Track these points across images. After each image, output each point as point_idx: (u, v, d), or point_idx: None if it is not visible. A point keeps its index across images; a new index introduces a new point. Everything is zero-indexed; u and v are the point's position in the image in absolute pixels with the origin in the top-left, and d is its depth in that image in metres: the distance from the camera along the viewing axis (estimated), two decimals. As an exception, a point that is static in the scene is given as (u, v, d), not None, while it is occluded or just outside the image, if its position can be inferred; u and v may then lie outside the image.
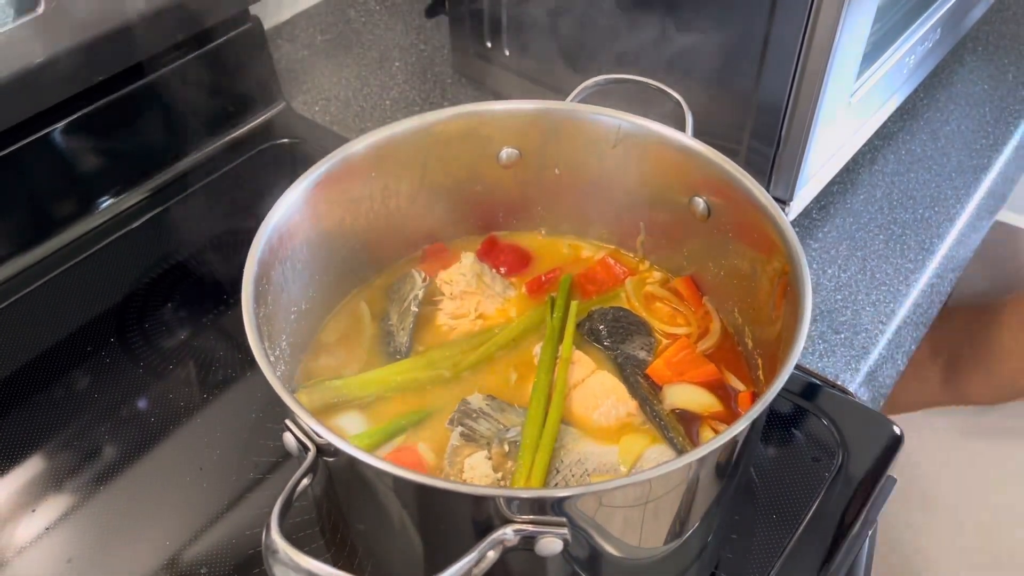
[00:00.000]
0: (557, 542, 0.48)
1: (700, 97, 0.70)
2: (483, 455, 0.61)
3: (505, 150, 0.71)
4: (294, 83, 1.10)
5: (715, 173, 0.65)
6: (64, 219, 0.90)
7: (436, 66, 1.13)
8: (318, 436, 0.49)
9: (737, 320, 0.69)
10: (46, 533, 0.68)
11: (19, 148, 0.84)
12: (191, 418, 0.75)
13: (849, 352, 0.82)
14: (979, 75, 1.11)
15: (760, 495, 0.70)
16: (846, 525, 0.69)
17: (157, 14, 0.86)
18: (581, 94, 0.71)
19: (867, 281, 0.88)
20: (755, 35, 0.76)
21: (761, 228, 0.62)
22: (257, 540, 0.66)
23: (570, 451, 0.61)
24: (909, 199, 0.96)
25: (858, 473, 0.72)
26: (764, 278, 0.64)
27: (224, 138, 1.01)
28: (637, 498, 0.51)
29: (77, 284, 0.86)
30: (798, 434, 0.75)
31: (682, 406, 0.65)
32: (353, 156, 0.66)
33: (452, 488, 0.48)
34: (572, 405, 0.65)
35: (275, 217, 0.60)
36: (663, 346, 0.70)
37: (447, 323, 0.70)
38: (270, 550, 0.45)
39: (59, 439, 0.74)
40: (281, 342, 0.63)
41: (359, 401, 0.65)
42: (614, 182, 0.72)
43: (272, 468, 0.71)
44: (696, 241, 0.71)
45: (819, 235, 0.92)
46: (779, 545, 0.67)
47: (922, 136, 1.03)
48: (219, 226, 0.92)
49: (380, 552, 0.60)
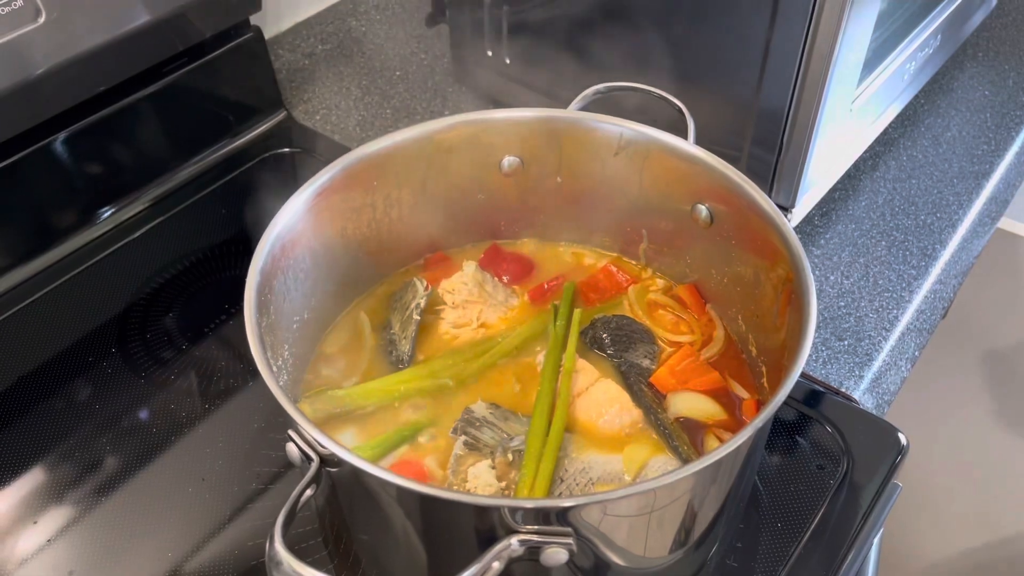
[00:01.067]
0: (563, 552, 0.47)
1: (701, 105, 0.70)
2: (487, 464, 0.61)
3: (507, 158, 0.71)
4: (295, 93, 1.10)
5: (718, 180, 0.65)
6: (65, 229, 0.90)
7: (436, 75, 1.13)
8: (321, 447, 0.49)
9: (741, 327, 0.69)
10: (48, 545, 0.67)
11: (20, 159, 0.84)
12: (193, 428, 0.75)
13: (853, 359, 0.81)
14: (979, 81, 1.11)
15: (765, 503, 0.70)
16: (852, 533, 0.68)
17: (158, 24, 0.87)
18: (582, 101, 0.71)
19: (870, 288, 0.87)
20: (756, 42, 0.76)
21: (764, 235, 0.61)
22: (259, 551, 0.66)
23: (574, 460, 0.61)
24: (911, 205, 0.96)
25: (863, 480, 0.71)
26: (768, 285, 0.63)
27: (225, 148, 1.01)
28: (642, 507, 0.51)
29: (78, 295, 0.86)
30: (802, 442, 0.74)
31: (686, 414, 0.65)
32: (355, 165, 0.66)
33: (456, 498, 0.48)
34: (576, 414, 0.64)
35: (277, 227, 0.60)
36: (667, 354, 0.69)
37: (449, 332, 0.70)
38: (274, 561, 0.45)
39: (61, 450, 0.74)
40: (283, 352, 0.62)
41: (362, 411, 0.65)
42: (616, 190, 0.72)
43: (274, 479, 0.71)
44: (699, 248, 0.70)
45: (821, 242, 0.92)
46: (784, 553, 0.67)
47: (923, 142, 1.03)
48: (220, 236, 0.92)
49: (383, 563, 0.60)
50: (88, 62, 0.82)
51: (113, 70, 0.87)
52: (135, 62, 0.89)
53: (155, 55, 0.90)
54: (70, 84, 0.83)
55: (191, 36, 0.92)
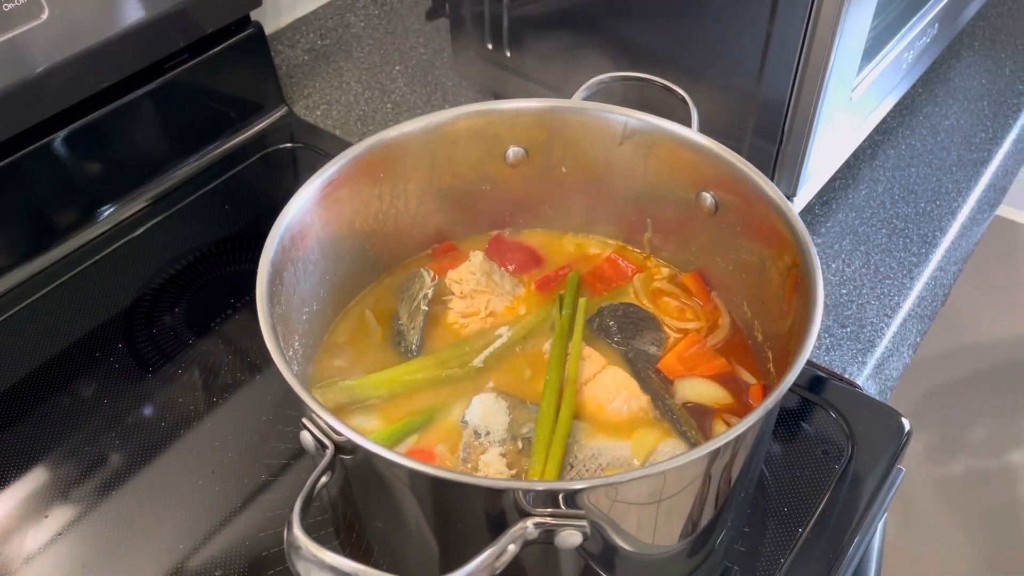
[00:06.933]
0: (577, 534, 0.48)
1: (702, 95, 0.70)
2: (497, 452, 0.61)
3: (512, 149, 0.72)
4: (296, 88, 1.10)
5: (723, 168, 0.65)
6: (68, 227, 0.90)
7: (437, 69, 1.13)
8: (337, 433, 0.49)
9: (746, 314, 0.70)
10: (58, 538, 0.68)
11: (21, 156, 0.84)
12: (201, 422, 0.75)
13: (855, 346, 0.82)
14: (977, 70, 1.12)
15: (771, 488, 0.71)
16: (857, 517, 0.69)
17: (160, 21, 0.87)
18: (586, 92, 0.72)
19: (871, 275, 0.88)
20: (757, 32, 0.77)
21: (770, 222, 0.62)
22: (270, 542, 0.67)
23: (584, 446, 0.62)
24: (910, 193, 0.96)
25: (868, 465, 0.72)
26: (774, 272, 0.64)
27: (226, 144, 1.01)
28: (652, 491, 0.51)
29: (83, 292, 0.86)
30: (807, 427, 0.75)
31: (694, 400, 0.65)
32: (363, 156, 0.66)
33: (471, 481, 0.48)
34: (584, 401, 0.65)
35: (287, 218, 0.61)
36: (673, 341, 0.70)
37: (458, 322, 0.70)
38: (293, 546, 0.45)
39: (69, 445, 0.74)
40: (294, 343, 0.63)
41: (371, 401, 0.66)
42: (621, 179, 0.72)
43: (284, 470, 0.71)
44: (704, 236, 0.71)
45: (822, 230, 0.92)
46: (792, 537, 0.67)
47: (922, 131, 1.04)
48: (223, 232, 0.92)
49: (396, 550, 0.60)
50: (90, 59, 0.83)
51: (114, 67, 0.87)
52: (136, 59, 0.89)
53: (156, 51, 0.90)
54: (71, 81, 0.83)
55: (192, 32, 0.92)
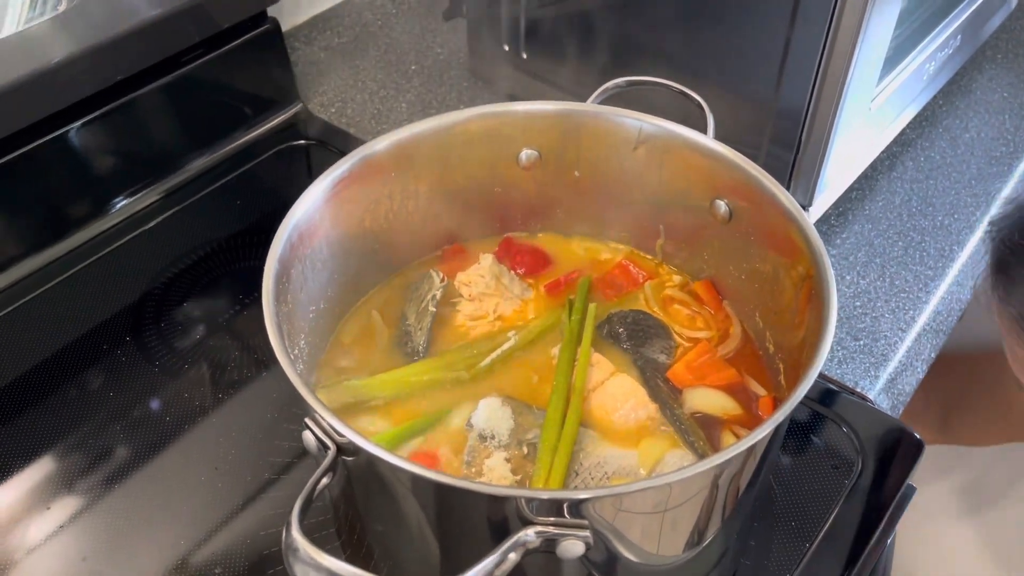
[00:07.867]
0: (579, 544, 0.47)
1: (719, 102, 0.69)
2: (502, 457, 0.60)
3: (525, 151, 0.71)
4: (311, 85, 1.10)
5: (738, 176, 0.64)
6: (80, 218, 0.90)
7: (452, 69, 1.12)
8: (339, 435, 0.48)
9: (758, 324, 0.69)
10: (61, 531, 0.68)
11: (36, 147, 0.84)
12: (206, 417, 0.75)
13: (868, 359, 0.81)
14: (998, 83, 1.11)
15: (779, 502, 0.70)
16: (866, 533, 0.68)
17: (176, 15, 0.87)
18: (601, 96, 0.71)
19: (886, 288, 0.87)
20: (776, 40, 0.76)
21: (785, 232, 0.61)
22: (272, 539, 0.66)
23: (589, 454, 0.61)
24: (928, 206, 0.95)
25: (878, 481, 0.71)
26: (787, 282, 0.63)
27: (240, 139, 1.01)
28: (658, 502, 0.50)
29: (93, 284, 0.86)
30: (817, 441, 0.74)
31: (703, 410, 0.64)
32: (374, 155, 0.65)
33: (473, 488, 0.47)
34: (591, 408, 0.64)
35: (296, 215, 0.60)
36: (683, 350, 0.69)
37: (465, 324, 0.70)
38: (290, 548, 0.44)
39: (74, 437, 0.74)
40: (300, 341, 0.62)
41: (376, 402, 0.65)
42: (634, 184, 0.72)
43: (287, 468, 0.71)
44: (717, 244, 0.70)
45: (837, 241, 0.91)
46: (798, 552, 0.66)
47: (941, 143, 1.03)
48: (235, 227, 0.92)
49: (397, 554, 0.60)
50: (106, 51, 0.83)
51: (130, 60, 0.87)
52: (152, 52, 0.89)
53: (172, 45, 0.90)
54: (87, 73, 0.83)
55: (208, 27, 0.92)
